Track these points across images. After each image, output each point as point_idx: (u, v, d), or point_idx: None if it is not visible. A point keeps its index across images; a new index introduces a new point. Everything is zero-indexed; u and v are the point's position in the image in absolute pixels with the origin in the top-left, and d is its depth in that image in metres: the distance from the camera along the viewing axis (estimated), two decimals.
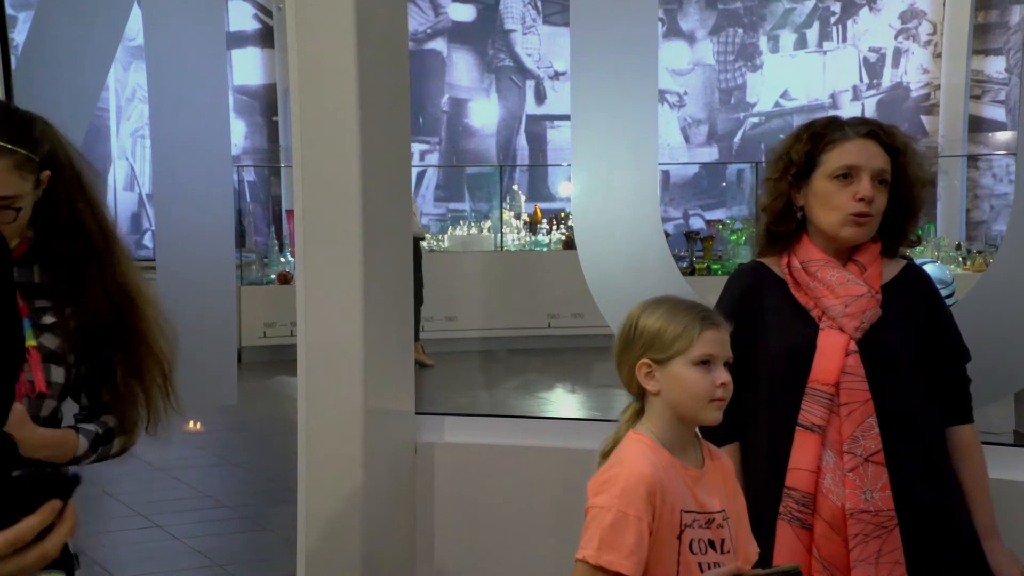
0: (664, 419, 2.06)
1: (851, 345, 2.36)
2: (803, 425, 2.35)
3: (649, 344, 2.04)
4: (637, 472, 1.98)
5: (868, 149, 2.42)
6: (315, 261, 3.18)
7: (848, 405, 2.34)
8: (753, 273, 2.55)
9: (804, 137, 2.49)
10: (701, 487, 2.05)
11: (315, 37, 3.15)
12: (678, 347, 2.02)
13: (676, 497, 2.00)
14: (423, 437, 3.43)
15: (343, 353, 3.17)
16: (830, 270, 2.43)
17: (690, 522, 2.01)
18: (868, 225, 2.42)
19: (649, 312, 2.07)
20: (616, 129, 3.36)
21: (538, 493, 3.34)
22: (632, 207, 3.38)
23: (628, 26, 3.36)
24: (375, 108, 3.17)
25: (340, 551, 3.21)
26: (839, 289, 2.41)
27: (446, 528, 3.42)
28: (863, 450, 2.32)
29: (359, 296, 3.14)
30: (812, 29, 14.96)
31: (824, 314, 2.40)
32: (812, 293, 2.43)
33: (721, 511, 2.06)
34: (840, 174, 2.41)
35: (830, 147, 2.44)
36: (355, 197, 3.12)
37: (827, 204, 2.43)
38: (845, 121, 2.50)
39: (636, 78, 3.37)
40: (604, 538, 1.95)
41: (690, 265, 10.39)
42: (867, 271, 2.44)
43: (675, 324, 2.03)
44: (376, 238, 3.18)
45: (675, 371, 2.03)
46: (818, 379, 2.36)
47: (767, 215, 2.55)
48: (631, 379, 2.08)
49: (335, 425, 3.20)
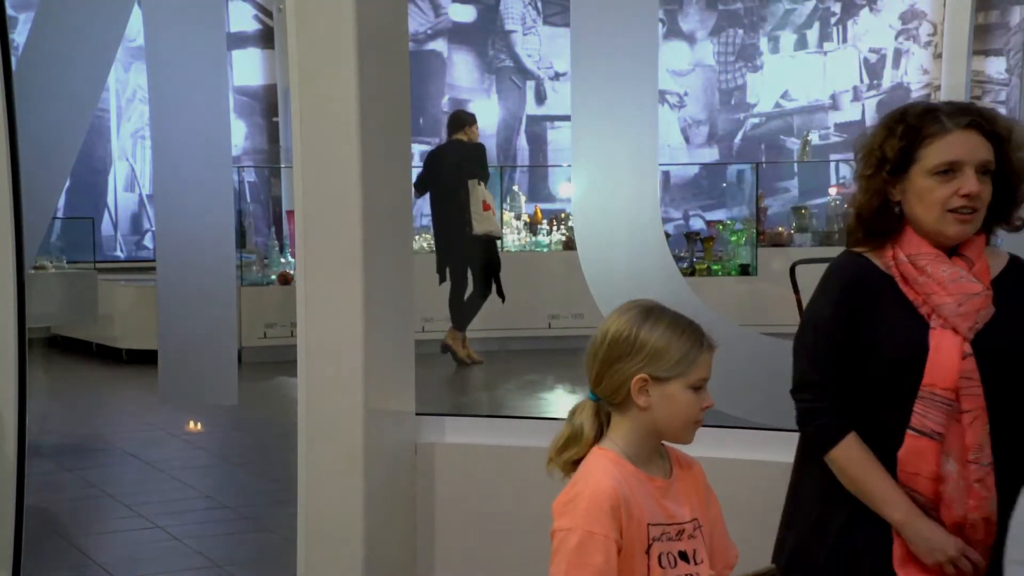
0: (638, 434, 2.02)
1: (966, 347, 2.22)
2: (918, 430, 2.22)
3: (651, 360, 1.99)
4: (600, 489, 1.94)
5: (970, 141, 2.25)
6: (315, 261, 3.18)
7: (971, 412, 2.21)
8: (856, 266, 2.34)
9: (898, 131, 2.29)
10: (670, 497, 2.02)
11: (315, 37, 3.16)
12: (680, 369, 1.98)
13: (642, 510, 1.96)
14: (423, 437, 3.43)
15: (343, 353, 3.17)
16: (940, 265, 2.26)
17: (658, 535, 1.97)
18: (974, 221, 2.27)
19: (651, 326, 2.01)
20: (616, 130, 3.36)
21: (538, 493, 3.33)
22: (632, 208, 3.38)
23: (628, 27, 3.36)
24: (375, 108, 3.17)
25: (340, 551, 3.21)
26: (951, 286, 2.25)
27: (446, 528, 3.42)
28: (986, 459, 2.21)
29: (359, 296, 3.14)
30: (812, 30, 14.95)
31: (934, 312, 2.25)
32: (921, 289, 2.27)
33: (691, 520, 2.03)
34: (942, 170, 2.25)
35: (928, 142, 2.26)
36: (355, 197, 3.12)
37: (928, 201, 2.26)
38: (942, 110, 2.29)
39: (636, 79, 3.37)
40: (572, 561, 1.90)
41: (690, 266, 10.38)
42: (975, 266, 2.29)
43: (679, 344, 1.99)
44: (376, 238, 3.18)
45: (672, 391, 1.99)
46: (935, 383, 2.21)
47: (863, 212, 2.35)
48: (618, 388, 2.02)
49: (335, 425, 3.20)
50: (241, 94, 13.56)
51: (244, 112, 13.57)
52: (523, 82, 14.56)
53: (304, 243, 3.19)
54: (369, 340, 3.16)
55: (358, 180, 3.12)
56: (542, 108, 14.55)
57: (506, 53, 14.53)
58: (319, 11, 3.15)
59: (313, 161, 3.18)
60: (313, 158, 3.18)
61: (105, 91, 11.68)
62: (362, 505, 3.18)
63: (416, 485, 3.40)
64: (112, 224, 13.29)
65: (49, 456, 6.41)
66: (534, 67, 14.56)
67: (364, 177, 3.12)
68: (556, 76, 14.43)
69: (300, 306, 3.19)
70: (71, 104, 4.14)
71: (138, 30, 4.56)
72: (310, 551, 3.22)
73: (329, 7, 3.13)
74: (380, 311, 3.22)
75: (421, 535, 3.41)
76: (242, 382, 4.27)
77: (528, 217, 11.19)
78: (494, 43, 14.52)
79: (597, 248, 3.41)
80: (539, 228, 11.00)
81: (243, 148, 13.45)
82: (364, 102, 3.12)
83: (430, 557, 3.42)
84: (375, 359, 3.20)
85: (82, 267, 11.02)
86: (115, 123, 13.15)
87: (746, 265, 10.43)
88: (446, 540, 3.42)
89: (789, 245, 10.58)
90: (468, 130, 9.05)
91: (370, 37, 3.14)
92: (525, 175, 14.37)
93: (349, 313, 3.15)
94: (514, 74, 14.56)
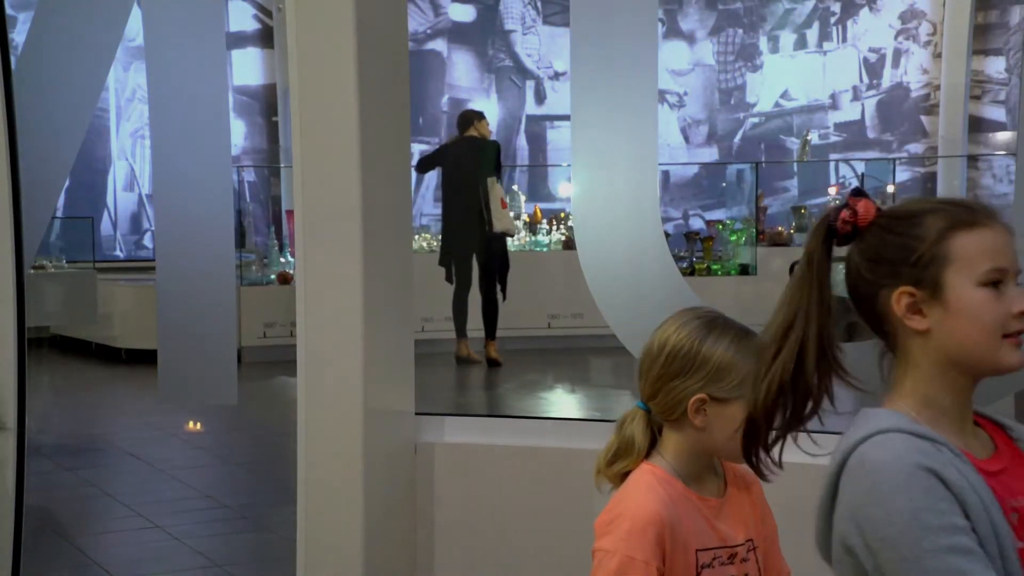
0: (691, 452, 1.89)
1: None
2: None
3: (714, 379, 1.85)
4: (643, 512, 1.82)
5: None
6: (315, 261, 3.18)
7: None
8: None
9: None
10: (722, 517, 1.90)
11: (315, 37, 3.15)
12: (744, 390, 1.74)
13: (690, 535, 1.84)
14: (423, 437, 3.43)
15: (343, 353, 3.17)
16: None
17: (708, 561, 1.85)
18: None
19: (714, 340, 1.87)
20: (616, 129, 3.36)
21: (538, 493, 3.34)
22: (632, 207, 3.38)
23: (628, 26, 3.36)
24: (375, 108, 3.17)
25: (340, 551, 3.21)
26: None
27: (446, 528, 3.42)
28: None
29: (359, 296, 3.14)
30: (812, 29, 14.95)
31: None
32: None
33: (746, 542, 1.91)
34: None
35: None
36: (355, 197, 3.12)
37: None
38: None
39: (636, 78, 3.37)
40: None
41: (690, 265, 10.38)
42: None
43: (745, 362, 1.81)
44: (376, 238, 3.18)
45: (732, 412, 1.83)
46: None
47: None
48: (674, 406, 1.87)
49: (335, 425, 3.20)
50: (241, 94, 13.56)
51: (244, 112, 13.57)
52: (523, 82, 14.56)
53: (304, 243, 3.19)
54: (369, 340, 3.16)
55: (358, 180, 3.12)
56: (542, 108, 14.55)
57: (506, 53, 14.53)
58: (319, 11, 3.15)
59: (313, 161, 3.17)
60: (313, 158, 3.17)
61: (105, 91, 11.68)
62: (362, 505, 3.18)
63: (416, 485, 3.40)
64: (112, 224, 13.29)
65: (49, 456, 6.41)
66: (534, 67, 14.56)
67: (364, 177, 3.12)
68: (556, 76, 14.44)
69: (300, 306, 3.19)
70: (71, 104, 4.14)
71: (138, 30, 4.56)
72: (310, 551, 3.22)
73: (329, 7, 3.13)
74: (380, 311, 3.22)
75: (421, 535, 3.41)
76: (242, 382, 4.27)
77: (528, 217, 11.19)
78: (494, 43, 14.52)
79: (597, 248, 3.41)
80: (539, 228, 11.00)
81: (243, 148, 13.45)
82: (364, 102, 3.11)
83: (430, 557, 3.42)
84: (375, 359, 3.20)
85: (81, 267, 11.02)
86: (115, 123, 13.15)
87: (746, 265, 10.44)
88: (446, 540, 3.42)
89: (789, 245, 10.59)
90: (478, 125, 9.01)
91: (370, 37, 3.14)
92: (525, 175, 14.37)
93: (349, 313, 3.15)
94: (514, 74, 14.56)
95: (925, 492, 1.43)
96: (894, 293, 1.54)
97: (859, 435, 1.50)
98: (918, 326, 1.53)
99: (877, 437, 1.49)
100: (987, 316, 1.52)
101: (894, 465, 1.45)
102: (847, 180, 14.16)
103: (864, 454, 1.48)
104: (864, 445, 1.49)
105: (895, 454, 1.46)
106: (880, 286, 1.55)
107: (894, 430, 1.49)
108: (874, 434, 1.49)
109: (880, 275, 1.56)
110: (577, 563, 3.32)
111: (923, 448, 1.47)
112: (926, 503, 1.42)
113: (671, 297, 3.27)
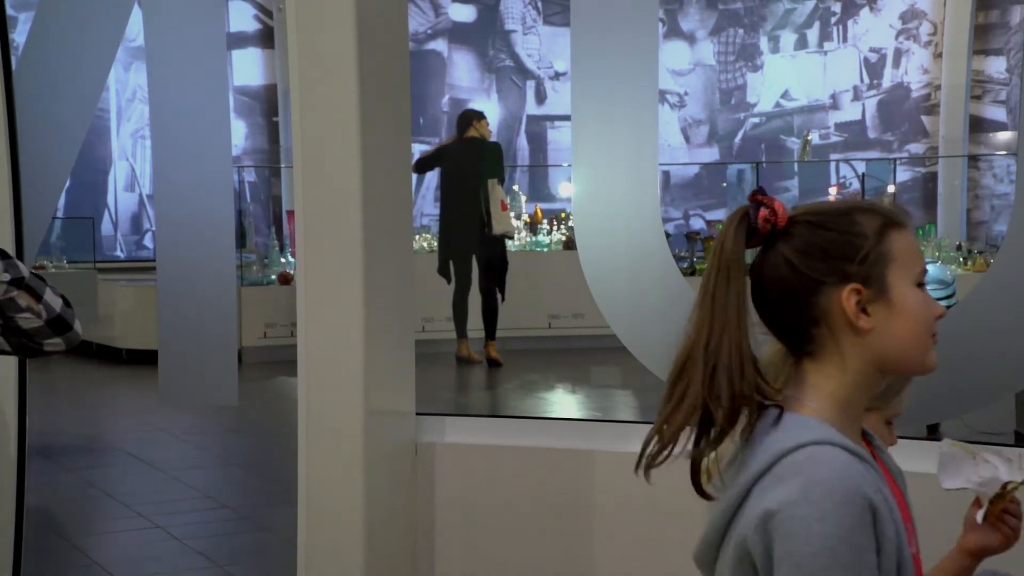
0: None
1: None
2: None
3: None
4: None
5: None
6: (315, 261, 3.18)
7: None
8: None
9: None
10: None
11: (315, 37, 3.15)
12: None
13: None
14: (424, 437, 3.43)
15: (343, 353, 3.17)
16: None
17: None
18: None
19: None
20: (616, 129, 3.36)
21: (538, 493, 3.34)
22: (632, 207, 3.38)
23: (628, 26, 3.36)
24: (375, 108, 3.17)
25: (340, 551, 3.21)
26: None
27: (446, 528, 3.42)
28: None
29: (359, 296, 3.14)
30: (812, 29, 14.95)
31: None
32: None
33: None
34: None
35: None
36: (355, 197, 3.12)
37: None
38: None
39: (636, 78, 3.37)
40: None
41: (691, 266, 10.38)
42: None
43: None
44: (376, 238, 3.18)
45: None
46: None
47: None
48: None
49: (335, 425, 3.20)
50: (241, 94, 13.57)
51: (244, 112, 13.57)
52: (523, 82, 14.56)
53: (304, 243, 3.19)
54: (369, 340, 3.16)
55: (358, 180, 3.11)
56: (542, 108, 14.56)
57: (506, 53, 14.53)
58: (319, 11, 3.15)
59: (313, 161, 3.17)
60: (313, 158, 3.17)
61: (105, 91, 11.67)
62: (362, 505, 3.18)
63: (416, 485, 3.40)
64: (112, 224, 13.30)
65: (49, 456, 6.41)
66: (534, 67, 14.57)
67: (364, 177, 3.12)
68: (556, 76, 14.44)
69: (300, 306, 3.19)
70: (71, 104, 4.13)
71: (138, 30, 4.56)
72: (310, 551, 3.22)
73: (329, 7, 3.13)
74: (380, 311, 3.22)
75: (421, 535, 3.41)
76: (242, 382, 4.27)
77: (528, 217, 11.19)
78: (494, 43, 14.52)
79: (597, 248, 3.41)
80: (539, 228, 11.00)
81: (243, 148, 13.46)
82: (364, 102, 3.11)
83: (430, 557, 3.42)
84: (375, 359, 3.19)
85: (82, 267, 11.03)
86: (115, 123, 13.16)
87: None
88: (446, 540, 3.42)
89: None
90: (479, 125, 8.98)
91: (370, 37, 3.14)
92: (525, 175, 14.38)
93: (349, 313, 3.15)
94: (514, 74, 14.56)
95: (852, 525, 1.37)
96: (843, 291, 1.50)
97: (788, 443, 1.44)
98: (864, 325, 1.50)
99: (811, 449, 1.43)
100: (924, 316, 1.51)
101: (836, 487, 1.39)
102: (847, 180, 14.17)
103: (800, 466, 1.42)
104: (798, 455, 1.43)
105: (838, 475, 1.40)
106: (820, 283, 1.51)
107: (827, 442, 1.44)
108: (806, 444, 1.43)
109: (820, 272, 1.51)
110: (577, 563, 3.33)
111: (861, 472, 1.42)
112: (849, 538, 1.37)
113: (671, 297, 3.27)
